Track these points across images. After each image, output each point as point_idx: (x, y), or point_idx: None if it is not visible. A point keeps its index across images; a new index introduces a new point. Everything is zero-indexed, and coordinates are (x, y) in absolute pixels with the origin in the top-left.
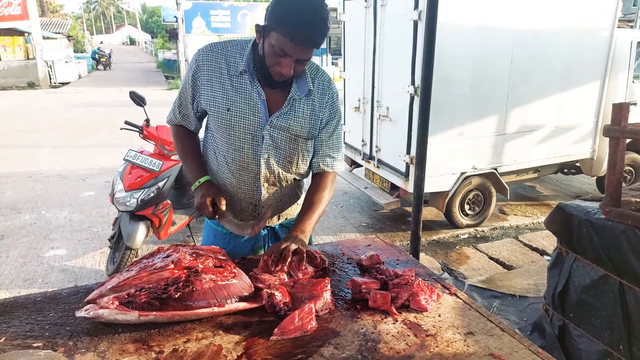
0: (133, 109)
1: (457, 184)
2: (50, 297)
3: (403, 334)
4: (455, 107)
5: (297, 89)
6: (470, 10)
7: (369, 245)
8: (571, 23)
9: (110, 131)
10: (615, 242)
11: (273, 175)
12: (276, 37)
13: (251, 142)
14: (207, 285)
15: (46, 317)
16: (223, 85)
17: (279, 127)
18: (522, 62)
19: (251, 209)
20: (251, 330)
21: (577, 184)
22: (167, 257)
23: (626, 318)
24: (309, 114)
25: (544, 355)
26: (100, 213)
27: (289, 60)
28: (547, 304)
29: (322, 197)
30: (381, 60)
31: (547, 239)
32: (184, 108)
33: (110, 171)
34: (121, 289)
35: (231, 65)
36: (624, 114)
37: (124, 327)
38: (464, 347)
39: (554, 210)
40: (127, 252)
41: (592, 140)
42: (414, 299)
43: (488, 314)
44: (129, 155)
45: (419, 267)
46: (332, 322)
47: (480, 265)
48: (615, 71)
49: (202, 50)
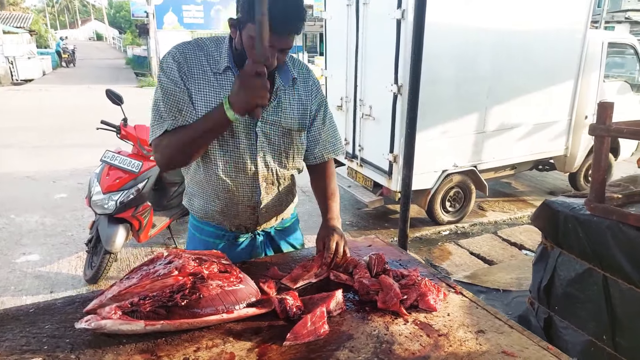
0: (104, 108)
1: (439, 182)
2: (44, 308)
3: (416, 334)
4: (438, 106)
5: (281, 79)
6: (453, 11)
7: (370, 245)
8: (547, 24)
9: (81, 131)
10: (600, 237)
11: (271, 173)
12: (253, 28)
13: (245, 141)
14: (214, 292)
15: (42, 330)
16: (209, 84)
17: (270, 122)
18: (501, 62)
19: (250, 212)
20: (262, 336)
21: (550, 180)
22: (169, 263)
23: (610, 310)
24: (297, 103)
25: (554, 351)
26: (75, 216)
27: (272, 50)
28: (532, 298)
29: (334, 184)
30: (364, 58)
31: (524, 233)
32: (177, 115)
33: (83, 172)
34: (123, 298)
35: (211, 63)
36: (608, 113)
37: (128, 337)
38: (477, 345)
39: (540, 207)
40: (106, 256)
41: (566, 137)
42: (422, 299)
43: (495, 311)
44: (106, 156)
45: (421, 266)
46: (343, 324)
47: (462, 261)
48: (587, 71)
49: (179, 49)
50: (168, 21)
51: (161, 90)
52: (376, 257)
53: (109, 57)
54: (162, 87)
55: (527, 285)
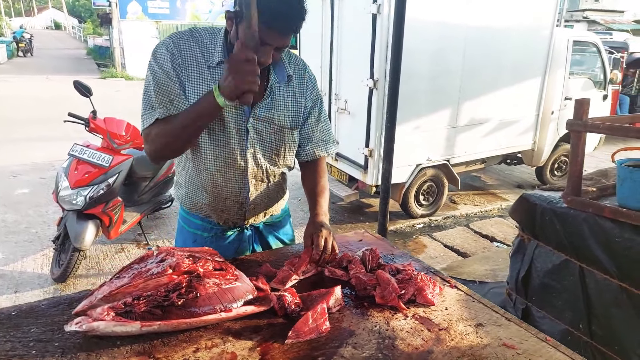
0: (66, 99)
1: (413, 176)
2: (26, 311)
3: (417, 329)
4: (413, 101)
5: (276, 76)
6: (426, 7)
7: (360, 240)
8: (516, 22)
9: (42, 123)
10: (576, 229)
11: (261, 170)
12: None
13: (236, 136)
14: (211, 290)
15: (27, 334)
16: (202, 76)
17: (263, 119)
18: (472, 58)
19: (237, 208)
20: (263, 335)
21: (517, 173)
22: (161, 261)
23: (586, 299)
24: (290, 101)
25: (552, 342)
26: (38, 212)
27: (268, 48)
28: (510, 289)
29: (326, 181)
30: (339, 53)
31: (495, 226)
32: (168, 106)
33: (45, 167)
34: (115, 299)
35: (206, 55)
36: (585, 109)
37: (122, 339)
38: (477, 338)
39: (517, 200)
40: (75, 253)
41: (533, 132)
42: (420, 293)
43: (491, 304)
44: (74, 149)
45: (414, 260)
46: (344, 321)
47: (437, 254)
48: (554, 68)
49: (173, 40)
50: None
51: (153, 80)
52: (370, 252)
53: (68, 47)
54: (154, 77)
55: (502, 276)
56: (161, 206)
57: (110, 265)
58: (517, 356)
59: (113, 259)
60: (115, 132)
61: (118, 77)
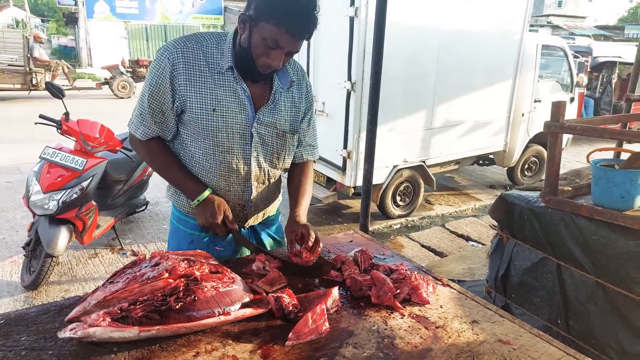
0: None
1: (390, 177)
2: (15, 319)
3: (414, 327)
4: (390, 103)
5: (280, 82)
6: (402, 11)
7: (351, 241)
8: (488, 27)
9: (5, 125)
10: (554, 228)
11: (263, 173)
12: (268, 28)
13: (240, 141)
14: (209, 293)
15: (18, 342)
16: (205, 84)
17: (266, 124)
18: (446, 62)
19: (239, 210)
20: (262, 337)
21: (489, 174)
22: (156, 265)
23: (563, 295)
24: (290, 106)
25: (545, 337)
26: (5, 218)
27: (280, 52)
28: (489, 287)
29: (309, 185)
30: (316, 55)
31: (470, 225)
32: (159, 116)
33: (9, 170)
34: (110, 304)
35: (210, 62)
36: (561, 111)
37: (119, 345)
38: (474, 335)
39: (496, 200)
40: (47, 260)
41: (505, 134)
42: (415, 292)
43: (484, 302)
44: (46, 152)
45: (405, 260)
46: (342, 321)
47: (414, 254)
48: (524, 71)
49: (175, 46)
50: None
51: (149, 86)
52: (362, 253)
53: None
54: (150, 83)
55: (479, 275)
56: (136, 210)
57: (84, 271)
58: (513, 352)
59: (86, 265)
60: (89, 134)
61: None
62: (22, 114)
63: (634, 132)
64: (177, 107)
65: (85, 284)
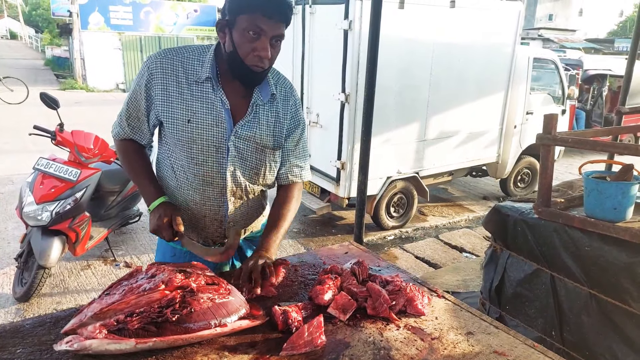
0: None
1: (384, 188)
2: (11, 331)
3: (410, 339)
4: (384, 115)
5: (260, 94)
6: (396, 24)
7: (346, 252)
8: (481, 40)
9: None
10: (547, 239)
11: (240, 188)
12: (247, 18)
13: (215, 154)
14: (205, 305)
15: (14, 355)
16: (182, 95)
17: (244, 137)
18: (439, 74)
19: (217, 225)
20: (259, 349)
21: (482, 185)
22: (152, 277)
23: (557, 307)
24: (274, 121)
25: (540, 348)
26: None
27: (265, 39)
28: (483, 298)
29: (289, 210)
30: (310, 67)
31: (464, 237)
32: (134, 120)
33: (3, 181)
34: (106, 316)
35: (189, 73)
36: (553, 124)
37: (115, 358)
38: (469, 347)
39: (490, 212)
40: (39, 271)
41: (498, 145)
42: (410, 304)
43: (479, 313)
44: (39, 163)
45: (401, 271)
46: (338, 333)
47: (409, 265)
48: (516, 83)
49: (155, 57)
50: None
51: (130, 92)
52: (359, 264)
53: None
54: (132, 89)
55: (473, 286)
56: (129, 221)
57: (76, 283)
58: None
59: (79, 276)
60: (83, 145)
61: (78, 88)
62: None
63: (624, 145)
64: (153, 117)
65: (78, 296)
